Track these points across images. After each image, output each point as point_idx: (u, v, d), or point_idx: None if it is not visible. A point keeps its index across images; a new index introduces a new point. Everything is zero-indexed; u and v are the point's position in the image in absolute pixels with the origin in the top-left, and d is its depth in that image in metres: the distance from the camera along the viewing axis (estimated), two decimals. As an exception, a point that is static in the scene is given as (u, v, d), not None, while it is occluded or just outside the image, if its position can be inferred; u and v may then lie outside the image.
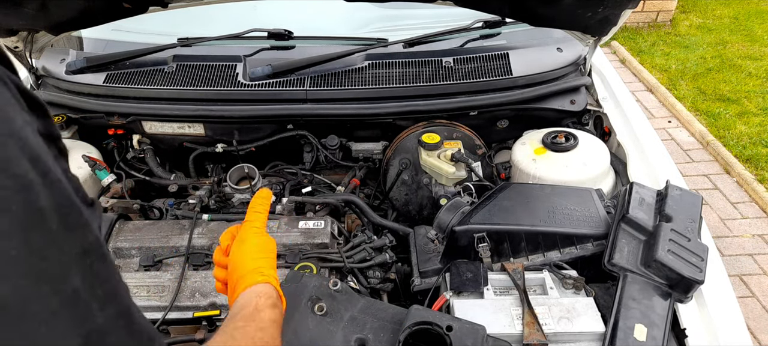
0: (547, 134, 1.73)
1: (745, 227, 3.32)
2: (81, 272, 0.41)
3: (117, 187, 1.75)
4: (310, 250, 1.47)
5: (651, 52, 5.49)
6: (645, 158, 1.67)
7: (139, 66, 1.87)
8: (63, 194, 0.41)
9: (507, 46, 1.93)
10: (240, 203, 1.75)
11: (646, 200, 1.37)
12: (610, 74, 2.03)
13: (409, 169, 1.83)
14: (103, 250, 0.45)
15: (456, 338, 1.01)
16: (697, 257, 1.20)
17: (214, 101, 1.80)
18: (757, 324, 2.73)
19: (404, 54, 1.90)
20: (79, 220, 0.42)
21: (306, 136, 1.89)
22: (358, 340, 1.05)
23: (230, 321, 0.73)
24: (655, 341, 1.08)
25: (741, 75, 4.91)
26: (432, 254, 1.46)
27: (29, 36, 1.77)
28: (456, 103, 1.80)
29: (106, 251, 0.45)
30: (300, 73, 1.82)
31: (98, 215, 0.48)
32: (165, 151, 2.01)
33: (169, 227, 1.54)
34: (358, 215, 1.73)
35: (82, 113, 1.84)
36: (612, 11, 1.50)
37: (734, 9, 6.35)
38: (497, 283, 1.27)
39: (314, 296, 1.10)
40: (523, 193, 1.49)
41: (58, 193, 0.41)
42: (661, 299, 1.16)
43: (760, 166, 3.74)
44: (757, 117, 4.28)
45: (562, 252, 1.35)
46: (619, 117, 1.85)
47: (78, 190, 0.45)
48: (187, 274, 1.40)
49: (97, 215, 0.47)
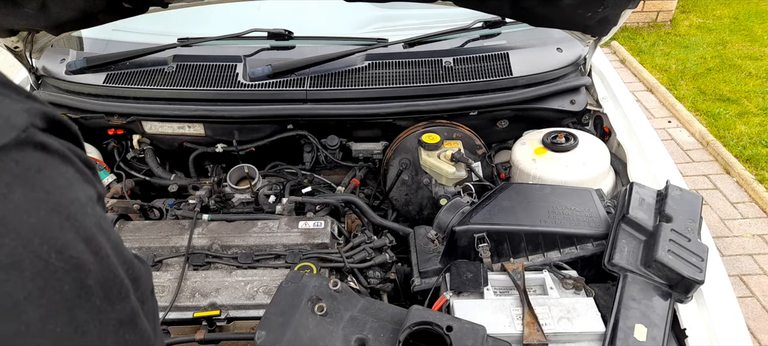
0: (547, 134, 1.73)
1: (745, 227, 3.32)
2: (116, 341, 0.43)
3: (117, 187, 1.75)
4: (310, 250, 1.47)
5: (651, 52, 5.49)
6: (645, 158, 1.67)
7: (139, 66, 1.87)
8: (110, 269, 0.43)
9: (507, 46, 1.93)
10: (240, 203, 1.75)
11: (646, 200, 1.37)
12: (610, 74, 2.03)
13: (409, 170, 1.83)
14: (136, 319, 0.46)
15: (456, 338, 1.01)
16: (697, 257, 1.20)
17: (214, 101, 1.80)
18: (757, 324, 2.73)
19: (404, 54, 1.90)
20: (120, 291, 0.44)
21: (306, 136, 1.89)
22: (358, 340, 1.05)
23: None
24: (655, 341, 1.08)
25: (741, 75, 4.91)
26: (432, 254, 1.46)
27: (29, 36, 1.77)
28: (456, 103, 1.80)
29: (139, 319, 0.47)
30: (300, 73, 1.82)
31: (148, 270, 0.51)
32: (165, 152, 2.01)
33: (169, 227, 1.54)
34: (358, 215, 1.73)
35: (82, 113, 1.84)
36: (612, 11, 1.50)
37: (734, 9, 6.35)
38: (497, 283, 1.27)
39: (314, 296, 1.10)
40: (523, 193, 1.49)
41: (105, 269, 0.43)
42: (661, 299, 1.16)
43: (760, 167, 3.74)
44: (757, 117, 4.28)
45: (562, 252, 1.35)
46: (619, 117, 1.85)
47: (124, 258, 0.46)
48: (187, 274, 1.40)
49: (148, 270, 0.50)
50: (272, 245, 1.48)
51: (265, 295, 1.34)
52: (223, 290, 1.36)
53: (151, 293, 0.52)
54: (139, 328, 0.46)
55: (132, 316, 0.45)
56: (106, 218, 0.46)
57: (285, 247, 1.48)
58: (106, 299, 0.42)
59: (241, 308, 1.34)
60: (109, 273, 0.43)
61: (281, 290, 1.13)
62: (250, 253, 1.46)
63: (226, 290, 1.36)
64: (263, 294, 1.35)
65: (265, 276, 1.39)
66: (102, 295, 0.42)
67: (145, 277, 0.49)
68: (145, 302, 0.48)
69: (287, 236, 1.49)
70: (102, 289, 0.42)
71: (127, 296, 0.45)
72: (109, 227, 0.46)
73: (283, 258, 1.46)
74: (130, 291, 0.45)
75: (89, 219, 0.43)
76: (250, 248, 1.48)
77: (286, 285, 1.14)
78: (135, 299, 0.46)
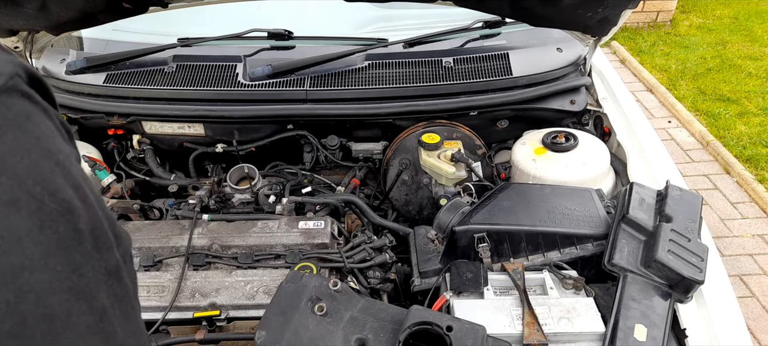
0: (547, 134, 1.73)
1: (745, 227, 3.32)
2: (106, 290, 0.44)
3: (117, 187, 1.75)
4: (310, 250, 1.47)
5: (651, 52, 5.49)
6: (645, 158, 1.67)
7: (139, 66, 1.87)
8: (96, 217, 0.45)
9: (507, 46, 1.93)
10: (240, 203, 1.75)
11: (646, 200, 1.37)
12: (610, 74, 2.03)
13: (409, 170, 1.83)
14: (121, 272, 0.47)
15: (456, 338, 1.01)
16: (697, 257, 1.20)
17: (214, 101, 1.80)
18: (757, 324, 2.73)
19: (404, 54, 1.90)
20: (106, 242, 0.46)
21: (306, 136, 1.89)
22: (358, 340, 1.05)
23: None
24: (655, 341, 1.08)
25: (741, 75, 4.91)
26: (432, 254, 1.46)
27: (29, 36, 1.78)
28: (456, 103, 1.79)
29: (123, 273, 0.48)
30: (300, 73, 1.82)
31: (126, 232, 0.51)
32: (165, 152, 2.01)
33: (169, 227, 1.54)
34: (358, 215, 1.73)
35: (82, 113, 1.84)
36: (612, 11, 1.50)
37: (734, 9, 6.35)
38: (497, 283, 1.27)
39: (314, 296, 1.10)
40: (523, 193, 1.49)
41: (93, 216, 0.44)
42: (661, 300, 1.16)
43: (760, 167, 3.74)
44: (757, 117, 4.28)
45: (562, 252, 1.35)
46: (619, 117, 1.85)
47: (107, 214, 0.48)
48: (187, 274, 1.40)
49: (126, 232, 0.51)
50: (272, 245, 1.48)
51: (265, 295, 1.34)
52: (223, 290, 1.36)
53: (131, 258, 0.53)
54: (124, 282, 0.47)
55: (117, 268, 0.46)
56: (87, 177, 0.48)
57: (285, 247, 1.48)
58: (95, 246, 0.43)
59: (241, 308, 1.34)
60: (96, 222, 0.44)
61: (281, 290, 1.13)
62: (250, 253, 1.46)
63: (226, 290, 1.36)
64: (263, 294, 1.35)
65: (265, 276, 1.39)
66: (92, 241, 0.43)
67: (126, 237, 0.50)
68: (126, 262, 0.49)
69: (287, 236, 1.49)
70: (92, 236, 0.43)
71: (112, 248, 0.46)
72: (92, 184, 0.48)
73: (283, 258, 1.46)
74: (113, 244, 0.46)
75: (75, 169, 0.44)
76: (250, 248, 1.48)
77: (286, 285, 1.14)
78: (118, 253, 0.47)
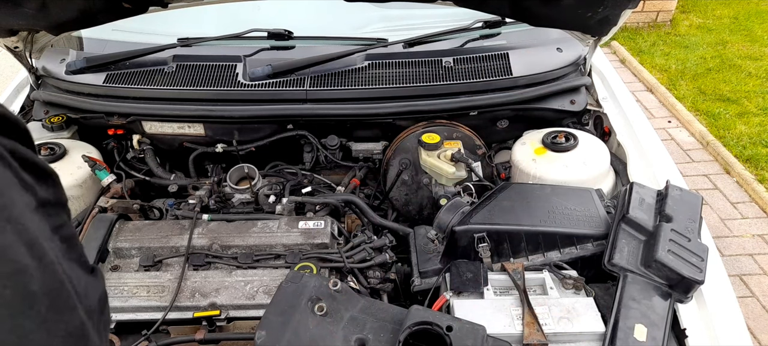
0: (547, 134, 1.73)
1: (745, 227, 3.32)
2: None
3: (117, 187, 1.75)
4: (310, 250, 1.47)
5: (651, 52, 5.49)
6: (645, 158, 1.67)
7: (139, 66, 1.87)
8: (55, 277, 0.41)
9: (507, 46, 1.93)
10: (240, 203, 1.75)
11: (646, 200, 1.37)
12: (610, 74, 2.03)
13: (409, 170, 1.83)
14: (85, 330, 0.44)
15: (456, 338, 1.01)
16: (697, 257, 1.20)
17: (214, 101, 1.80)
18: (757, 324, 2.73)
19: (404, 54, 1.90)
20: (67, 302, 0.42)
21: (306, 136, 1.89)
22: (358, 340, 1.05)
23: None
24: (655, 341, 1.08)
25: (741, 75, 4.91)
26: (432, 254, 1.46)
27: (29, 36, 1.77)
28: (456, 103, 1.79)
29: (88, 330, 0.44)
30: (300, 73, 1.82)
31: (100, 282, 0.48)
32: (165, 152, 2.01)
33: (169, 227, 1.54)
34: (358, 215, 1.73)
35: (82, 113, 1.84)
36: (612, 11, 1.50)
37: (734, 9, 6.34)
38: (497, 283, 1.27)
39: (314, 296, 1.10)
40: (523, 193, 1.49)
41: (49, 276, 0.41)
42: (661, 299, 1.16)
43: (760, 167, 3.74)
44: (757, 117, 4.28)
45: (562, 252, 1.35)
46: (619, 117, 1.85)
47: (80, 257, 0.45)
48: (187, 274, 1.40)
49: (99, 282, 0.47)
50: (272, 245, 1.48)
51: (265, 295, 1.34)
52: (223, 290, 1.36)
53: (103, 303, 0.49)
54: (90, 341, 0.44)
55: (81, 328, 0.43)
56: (58, 225, 0.44)
57: (285, 247, 1.48)
58: (52, 308, 0.40)
59: (241, 308, 1.34)
60: (54, 281, 0.41)
61: (281, 290, 1.13)
62: (250, 253, 1.46)
63: (226, 290, 1.36)
64: (263, 294, 1.35)
65: (265, 276, 1.39)
66: (48, 303, 0.39)
67: (93, 288, 0.46)
68: (92, 315, 0.46)
69: (287, 236, 1.49)
70: (47, 297, 0.39)
71: (75, 307, 0.43)
72: (60, 234, 0.44)
73: (283, 258, 1.46)
74: (77, 303, 0.43)
75: (32, 223, 0.41)
76: (250, 248, 1.48)
77: (286, 285, 1.14)
78: (82, 312, 0.44)
